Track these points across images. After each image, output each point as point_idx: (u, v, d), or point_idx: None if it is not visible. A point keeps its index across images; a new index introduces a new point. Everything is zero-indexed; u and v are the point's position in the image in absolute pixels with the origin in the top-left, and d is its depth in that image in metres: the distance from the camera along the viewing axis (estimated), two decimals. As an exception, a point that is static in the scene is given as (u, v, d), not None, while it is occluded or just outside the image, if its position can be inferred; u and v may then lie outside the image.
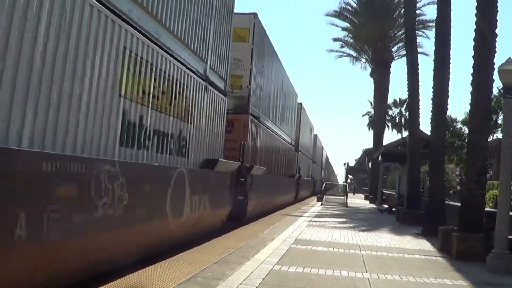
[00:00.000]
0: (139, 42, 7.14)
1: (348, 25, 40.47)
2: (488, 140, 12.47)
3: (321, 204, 26.44)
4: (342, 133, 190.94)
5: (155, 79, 7.79)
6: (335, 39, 41.80)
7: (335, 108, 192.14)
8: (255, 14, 15.52)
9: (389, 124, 66.48)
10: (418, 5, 28.98)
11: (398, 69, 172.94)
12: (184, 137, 9.38)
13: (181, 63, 9.03)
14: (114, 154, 6.58)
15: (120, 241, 6.60)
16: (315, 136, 44.55)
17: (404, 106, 64.84)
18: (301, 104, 30.90)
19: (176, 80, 8.82)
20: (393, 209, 21.05)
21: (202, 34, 10.30)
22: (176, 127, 8.90)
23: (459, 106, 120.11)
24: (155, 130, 7.90)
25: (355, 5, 39.50)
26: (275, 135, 20.67)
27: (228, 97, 12.93)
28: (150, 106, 7.62)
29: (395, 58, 40.84)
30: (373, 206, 28.97)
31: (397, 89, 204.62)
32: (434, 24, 17.06)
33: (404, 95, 64.34)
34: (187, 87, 9.41)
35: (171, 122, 8.64)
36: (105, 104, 6.25)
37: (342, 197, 29.24)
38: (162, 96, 8.13)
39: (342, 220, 17.12)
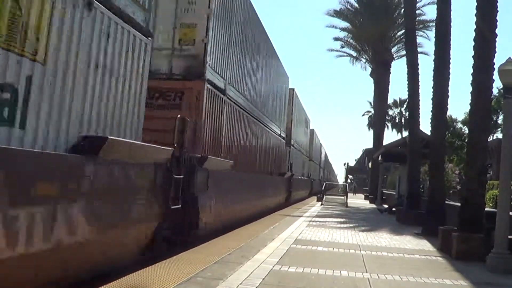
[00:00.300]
0: None
1: (348, 25, 40.52)
2: (488, 140, 12.47)
3: (321, 204, 26.43)
4: (342, 133, 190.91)
5: None
6: (336, 39, 41.92)
7: (335, 108, 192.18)
8: (294, 89, 15.95)
9: (389, 124, 66.57)
10: (418, 5, 29.07)
11: (398, 69, 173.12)
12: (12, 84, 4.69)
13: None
14: None
15: None
16: (312, 131, 40.84)
17: (404, 106, 64.94)
18: (293, 89, 26.69)
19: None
20: (393, 209, 21.04)
21: None
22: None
23: (459, 106, 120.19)
24: None
25: (355, 5, 39.55)
26: (254, 119, 16.19)
27: (174, 55, 9.59)
28: None
29: (395, 58, 40.91)
30: (373, 206, 28.96)
31: (397, 89, 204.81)
32: (434, 24, 17.09)
33: (404, 95, 64.37)
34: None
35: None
36: None
37: (342, 197, 29.25)
38: None
39: (342, 220, 17.11)
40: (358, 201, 34.81)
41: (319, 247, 9.81)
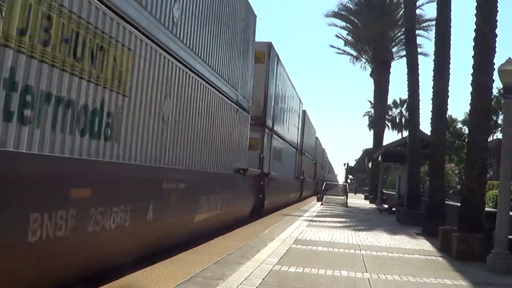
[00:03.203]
0: None
1: (348, 25, 40.53)
2: (488, 140, 12.46)
3: (321, 204, 26.43)
4: (342, 133, 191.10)
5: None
6: (337, 36, 42.06)
7: (335, 108, 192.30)
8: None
9: (389, 124, 66.63)
10: (418, 4, 29.03)
11: (398, 69, 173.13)
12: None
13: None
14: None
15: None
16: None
17: (404, 106, 65.05)
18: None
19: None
20: (393, 209, 21.05)
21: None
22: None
23: (459, 106, 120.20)
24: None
25: (355, 5, 39.56)
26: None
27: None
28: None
29: (395, 58, 40.96)
30: (373, 206, 28.96)
31: (397, 89, 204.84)
32: (434, 23, 17.10)
33: (404, 95, 64.42)
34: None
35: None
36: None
37: (342, 197, 29.27)
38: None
39: (342, 220, 17.12)
40: (358, 201, 34.81)
41: (319, 247, 9.82)
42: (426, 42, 49.93)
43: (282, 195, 22.66)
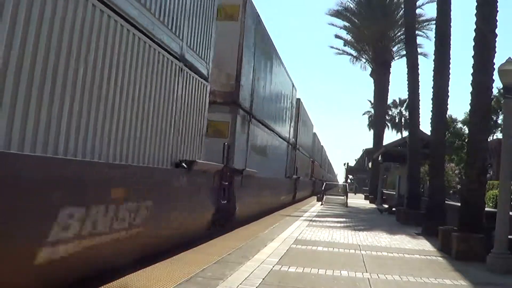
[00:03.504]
0: None
1: (348, 25, 40.56)
2: (488, 140, 12.47)
3: (321, 204, 26.43)
4: (342, 133, 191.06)
5: None
6: (337, 36, 42.07)
7: (335, 108, 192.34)
8: None
9: (389, 124, 66.71)
10: (418, 3, 29.03)
11: (398, 69, 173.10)
12: None
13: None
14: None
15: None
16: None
17: (404, 106, 65.15)
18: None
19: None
20: (393, 209, 21.06)
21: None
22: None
23: (459, 106, 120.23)
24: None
25: (355, 5, 39.59)
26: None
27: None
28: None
29: (395, 58, 41.01)
30: (373, 206, 28.97)
31: (397, 89, 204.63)
32: (434, 23, 17.10)
33: (404, 95, 64.52)
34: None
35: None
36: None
37: (342, 197, 29.26)
38: None
39: (342, 220, 17.12)
40: (358, 201, 34.82)
41: (319, 247, 9.82)
42: (426, 42, 50.00)
43: (265, 197, 17.95)
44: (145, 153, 7.47)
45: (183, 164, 9.09)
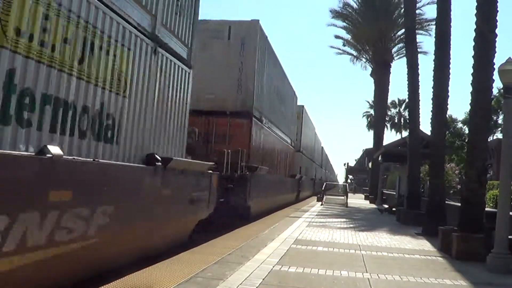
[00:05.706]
0: None
1: (349, 25, 40.51)
2: (488, 140, 12.47)
3: (321, 204, 26.41)
4: (342, 133, 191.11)
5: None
6: (337, 36, 42.07)
7: (335, 108, 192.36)
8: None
9: (388, 124, 66.68)
10: (418, 4, 29.05)
11: (398, 69, 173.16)
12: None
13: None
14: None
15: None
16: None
17: (403, 106, 65.17)
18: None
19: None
20: (393, 209, 21.04)
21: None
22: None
23: (459, 106, 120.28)
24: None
25: (355, 6, 39.58)
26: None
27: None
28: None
29: (395, 58, 40.96)
30: (373, 206, 28.95)
31: (397, 89, 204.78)
32: (434, 23, 17.09)
33: (404, 95, 64.55)
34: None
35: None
36: None
37: (342, 197, 29.24)
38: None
39: (342, 220, 17.12)
40: (358, 201, 34.80)
41: (319, 247, 9.81)
42: (426, 39, 49.98)
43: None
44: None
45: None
